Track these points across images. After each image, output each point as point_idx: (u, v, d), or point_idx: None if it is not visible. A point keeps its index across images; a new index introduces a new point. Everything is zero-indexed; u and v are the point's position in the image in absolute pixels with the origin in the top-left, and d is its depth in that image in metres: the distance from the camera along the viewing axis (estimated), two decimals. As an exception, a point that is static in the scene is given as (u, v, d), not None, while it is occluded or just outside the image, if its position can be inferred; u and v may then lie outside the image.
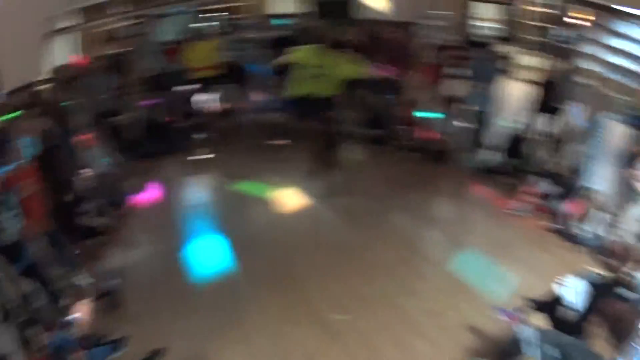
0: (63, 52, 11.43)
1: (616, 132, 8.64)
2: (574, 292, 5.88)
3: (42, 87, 9.67)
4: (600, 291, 5.60)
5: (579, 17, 13.12)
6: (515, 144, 10.14)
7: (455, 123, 11.02)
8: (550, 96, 10.78)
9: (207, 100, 12.12)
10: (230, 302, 7.10)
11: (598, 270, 6.42)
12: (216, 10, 13.46)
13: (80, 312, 6.71)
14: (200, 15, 12.86)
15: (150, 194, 10.02)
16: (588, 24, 13.37)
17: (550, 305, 6.01)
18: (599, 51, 13.62)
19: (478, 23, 13.23)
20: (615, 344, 4.39)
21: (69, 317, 6.57)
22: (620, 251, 7.53)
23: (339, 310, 6.91)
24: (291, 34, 13.05)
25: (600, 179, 9.04)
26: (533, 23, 16.34)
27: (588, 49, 14.03)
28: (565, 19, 15.18)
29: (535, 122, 10.99)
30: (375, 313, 6.85)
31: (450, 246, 8.35)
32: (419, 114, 11.36)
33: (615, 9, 12.09)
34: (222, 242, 8.47)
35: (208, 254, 8.20)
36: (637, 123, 8.54)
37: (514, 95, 11.97)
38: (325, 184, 10.16)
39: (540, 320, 5.34)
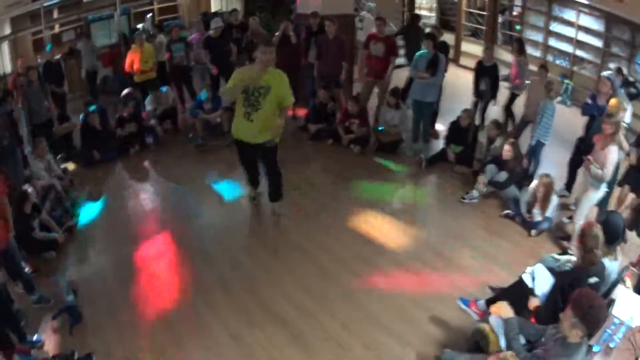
0: (1, 61, 11.24)
1: (564, 117, 8.87)
2: (537, 279, 6.04)
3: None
4: (566, 278, 5.73)
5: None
6: (463, 132, 10.21)
7: (402, 114, 11.10)
8: (493, 82, 11.02)
9: (148, 103, 11.92)
10: (189, 310, 7.01)
11: (555, 255, 6.59)
12: (151, 12, 13.29)
13: (43, 332, 6.66)
14: (135, 18, 12.51)
15: (98, 202, 9.83)
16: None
17: (513, 293, 6.08)
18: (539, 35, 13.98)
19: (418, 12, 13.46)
20: (585, 330, 4.44)
21: (32, 338, 6.52)
22: (573, 234, 7.71)
23: (299, 310, 6.88)
24: (226, 32, 13.03)
25: (551, 163, 9.30)
26: (471, 10, 16.77)
27: (529, 33, 14.39)
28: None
29: (481, 109, 11.23)
30: (336, 311, 6.82)
31: (406, 238, 8.42)
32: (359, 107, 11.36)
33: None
34: (173, 250, 8.39)
35: (161, 263, 8.08)
36: (588, 110, 8.79)
37: (458, 82, 12.18)
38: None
39: (503, 309, 5.38)
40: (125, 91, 12.13)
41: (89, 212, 9.42)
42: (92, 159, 11.00)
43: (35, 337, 6.50)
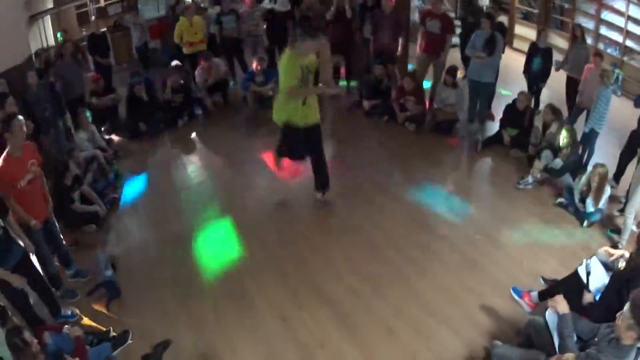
0: (43, 36, 11.16)
1: (614, 106, 8.55)
2: (591, 274, 5.79)
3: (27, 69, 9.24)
4: (621, 278, 5.42)
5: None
6: (520, 115, 9.81)
7: (459, 93, 10.70)
8: (545, 64, 10.63)
9: (198, 75, 11.67)
10: (234, 289, 6.86)
11: (609, 249, 6.21)
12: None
13: (78, 307, 6.48)
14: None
15: (143, 176, 9.68)
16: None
17: (567, 287, 5.82)
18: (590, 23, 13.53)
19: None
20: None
21: (67, 313, 6.33)
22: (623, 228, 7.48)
23: (349, 293, 6.70)
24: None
25: (599, 152, 8.97)
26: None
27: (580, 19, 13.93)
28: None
29: (534, 92, 10.85)
30: (387, 294, 6.65)
31: (460, 222, 8.15)
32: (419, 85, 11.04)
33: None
34: (223, 227, 8.15)
35: (209, 240, 7.89)
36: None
37: (512, 65, 11.78)
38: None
39: (561, 305, 5.04)
40: (173, 62, 11.95)
41: (133, 185, 9.30)
42: (138, 131, 10.89)
43: (70, 312, 6.35)
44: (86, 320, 6.34)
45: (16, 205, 6.01)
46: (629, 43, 12.61)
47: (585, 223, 7.93)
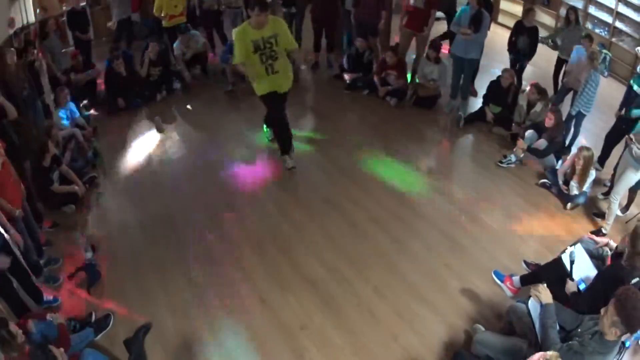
0: (24, 14, 10.96)
1: (600, 87, 8.55)
2: (575, 262, 5.72)
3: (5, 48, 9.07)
4: (610, 273, 5.42)
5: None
6: (503, 92, 9.78)
7: (442, 68, 10.64)
8: (532, 42, 10.61)
9: (176, 48, 11.52)
10: (215, 270, 6.83)
11: (594, 237, 6.26)
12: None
13: (59, 292, 6.42)
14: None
15: (123, 151, 9.55)
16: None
17: (549, 273, 5.86)
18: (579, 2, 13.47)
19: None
20: (624, 330, 4.23)
21: (49, 298, 6.28)
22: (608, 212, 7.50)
23: (331, 273, 6.71)
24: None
25: (585, 132, 9.00)
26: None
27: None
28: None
29: (518, 69, 10.82)
30: (370, 276, 6.67)
31: (442, 199, 8.17)
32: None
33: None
34: (202, 205, 8.09)
35: (189, 219, 7.80)
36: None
37: (496, 40, 11.72)
38: (304, 134, 9.87)
39: (544, 294, 5.05)
40: (157, 36, 11.76)
41: (112, 162, 9.14)
42: (116, 107, 10.72)
43: (52, 297, 6.32)
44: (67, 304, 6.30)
45: None
46: (618, 24, 12.60)
47: (568, 205, 7.97)
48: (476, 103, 10.65)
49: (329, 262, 6.87)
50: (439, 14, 11.57)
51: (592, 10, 13.15)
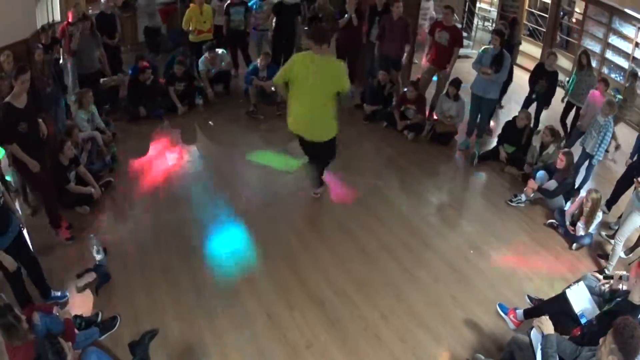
0: (50, 11, 11.09)
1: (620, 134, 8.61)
2: (577, 297, 5.84)
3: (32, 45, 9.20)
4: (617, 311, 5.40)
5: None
6: (518, 132, 9.88)
7: (460, 105, 10.77)
8: (550, 87, 10.71)
9: (201, 63, 11.65)
10: (225, 282, 6.88)
11: (596, 274, 6.39)
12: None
13: (68, 289, 6.45)
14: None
15: (141, 159, 9.66)
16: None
17: (552, 308, 5.91)
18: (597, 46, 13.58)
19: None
20: (621, 358, 4.24)
21: (57, 294, 6.31)
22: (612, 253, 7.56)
23: (339, 296, 6.73)
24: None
25: (601, 179, 9.05)
26: (532, 10, 16.34)
27: (587, 42, 13.99)
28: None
29: (536, 112, 10.90)
30: (377, 301, 6.69)
31: (451, 234, 8.23)
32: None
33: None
34: (216, 219, 8.17)
35: (201, 231, 7.87)
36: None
37: (517, 83, 11.81)
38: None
39: (546, 325, 5.09)
40: (179, 49, 11.86)
41: (129, 169, 9.27)
42: (137, 115, 10.86)
43: (59, 293, 6.36)
44: (74, 303, 6.33)
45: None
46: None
47: (574, 245, 8.02)
48: (492, 142, 10.77)
49: (337, 284, 6.90)
50: (461, 51, 11.66)
51: (608, 54, 13.25)
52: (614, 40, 13.50)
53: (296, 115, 7.64)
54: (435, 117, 11.23)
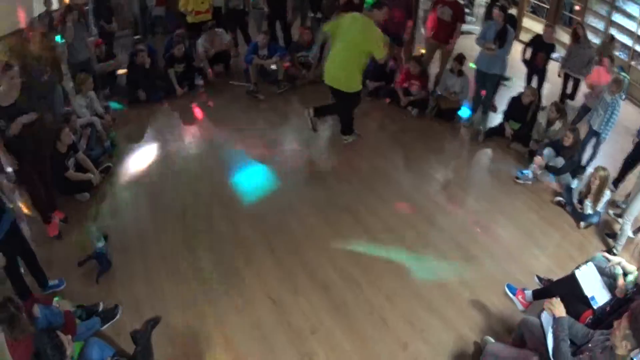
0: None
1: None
2: (587, 278, 5.74)
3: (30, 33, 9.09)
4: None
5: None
6: (524, 109, 9.75)
7: (464, 81, 10.60)
8: (547, 59, 10.66)
9: (200, 44, 11.52)
10: (227, 268, 6.77)
11: (607, 255, 6.13)
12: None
13: (66, 278, 6.38)
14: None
15: (140, 143, 9.55)
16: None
17: (561, 289, 5.78)
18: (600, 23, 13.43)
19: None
20: (635, 344, 4.15)
21: (53, 282, 6.24)
22: (620, 233, 7.45)
23: (345, 279, 6.64)
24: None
25: (607, 155, 8.95)
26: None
27: (591, 19, 13.84)
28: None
29: (540, 87, 10.82)
30: (382, 284, 6.60)
31: (457, 211, 8.15)
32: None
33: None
34: (217, 202, 8.04)
35: (202, 214, 7.76)
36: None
37: (517, 57, 11.68)
38: (322, 138, 9.90)
39: (558, 307, 4.98)
40: (177, 31, 11.71)
41: (129, 153, 9.16)
42: (137, 98, 10.74)
43: (57, 281, 6.34)
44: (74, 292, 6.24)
45: None
46: (639, 48, 12.55)
47: (582, 224, 7.92)
48: (497, 118, 10.61)
49: (341, 267, 6.80)
50: (464, 27, 11.50)
51: (613, 32, 13.11)
52: (617, 18, 13.32)
53: (329, 62, 8.66)
54: (439, 93, 11.07)
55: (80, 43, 10.15)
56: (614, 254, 6.69)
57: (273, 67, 11.54)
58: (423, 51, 11.85)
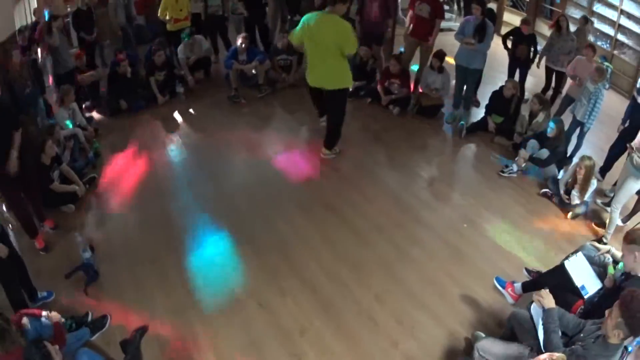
0: (28, 12, 10.96)
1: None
2: (577, 268, 5.72)
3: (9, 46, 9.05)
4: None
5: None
6: (506, 102, 9.83)
7: (445, 78, 10.66)
8: (532, 50, 10.69)
9: (180, 51, 11.51)
10: (216, 272, 6.78)
11: (596, 244, 6.18)
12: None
13: (54, 290, 6.36)
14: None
15: (124, 153, 9.51)
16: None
17: (551, 280, 5.78)
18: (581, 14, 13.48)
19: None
20: (627, 332, 4.17)
21: (43, 294, 6.22)
22: (609, 221, 7.49)
23: (332, 279, 6.63)
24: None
25: (585, 142, 9.07)
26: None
27: (572, 11, 13.90)
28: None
29: (520, 79, 10.85)
30: (370, 282, 6.61)
31: (444, 208, 8.17)
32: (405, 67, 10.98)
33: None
34: (203, 207, 8.04)
35: (189, 221, 7.75)
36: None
37: (498, 51, 11.72)
38: (305, 140, 9.95)
39: (547, 299, 4.99)
40: (157, 39, 11.74)
41: (113, 164, 9.13)
42: (118, 108, 10.69)
43: (45, 293, 6.29)
44: (63, 304, 6.20)
45: None
46: (620, 37, 12.63)
47: (570, 214, 7.96)
48: (479, 113, 10.64)
49: (329, 267, 6.80)
50: (443, 24, 11.52)
51: (594, 22, 13.18)
52: (598, 8, 13.39)
53: (310, 67, 8.49)
54: (420, 90, 11.08)
55: (66, 52, 10.19)
56: (604, 243, 6.73)
57: (253, 71, 11.54)
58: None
